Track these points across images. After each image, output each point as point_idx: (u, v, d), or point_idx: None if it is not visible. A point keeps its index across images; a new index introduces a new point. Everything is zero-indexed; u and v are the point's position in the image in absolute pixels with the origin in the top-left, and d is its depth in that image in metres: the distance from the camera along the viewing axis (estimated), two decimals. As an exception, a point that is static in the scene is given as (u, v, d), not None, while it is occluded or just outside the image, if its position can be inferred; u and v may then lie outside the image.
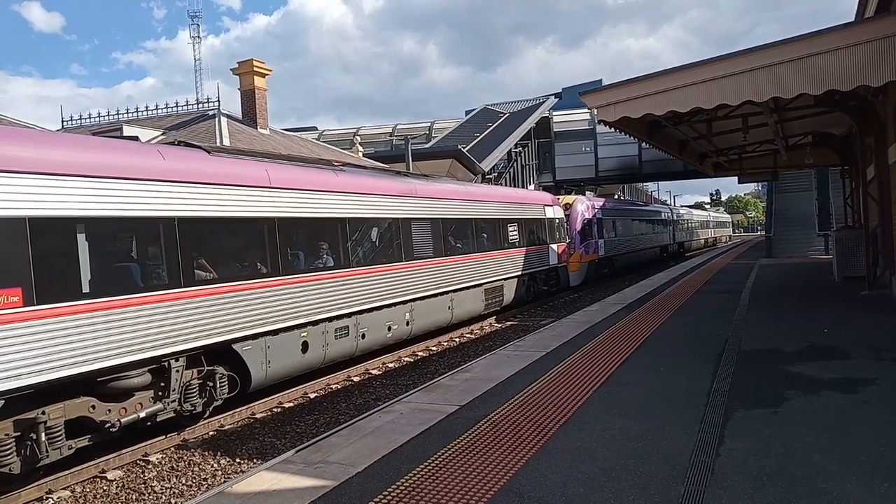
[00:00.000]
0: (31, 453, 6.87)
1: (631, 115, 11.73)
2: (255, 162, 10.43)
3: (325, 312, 11.06)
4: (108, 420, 7.65)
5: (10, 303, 6.46)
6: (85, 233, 7.41)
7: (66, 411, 7.21)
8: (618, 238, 31.75)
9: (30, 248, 6.69)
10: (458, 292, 15.94)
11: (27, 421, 6.85)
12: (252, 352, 9.57)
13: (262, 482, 5.42)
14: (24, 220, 6.69)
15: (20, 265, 6.60)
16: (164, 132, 22.12)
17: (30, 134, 8.53)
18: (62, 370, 6.93)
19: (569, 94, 49.87)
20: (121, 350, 7.57)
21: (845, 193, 23.50)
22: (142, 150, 8.78)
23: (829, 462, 5.02)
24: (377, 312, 12.63)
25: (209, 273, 8.98)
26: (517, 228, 19.71)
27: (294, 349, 10.46)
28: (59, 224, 7.09)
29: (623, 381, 8.01)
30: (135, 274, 8.12)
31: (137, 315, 7.80)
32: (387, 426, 6.74)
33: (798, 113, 15.90)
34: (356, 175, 13.05)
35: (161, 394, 8.36)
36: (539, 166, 46.92)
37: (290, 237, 10.63)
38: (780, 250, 31.18)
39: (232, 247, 9.79)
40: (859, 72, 9.77)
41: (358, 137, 36.80)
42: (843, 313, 12.40)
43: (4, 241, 6.52)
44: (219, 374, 9.17)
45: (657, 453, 5.43)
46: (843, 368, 7.95)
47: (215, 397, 9.13)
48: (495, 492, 4.84)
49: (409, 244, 13.95)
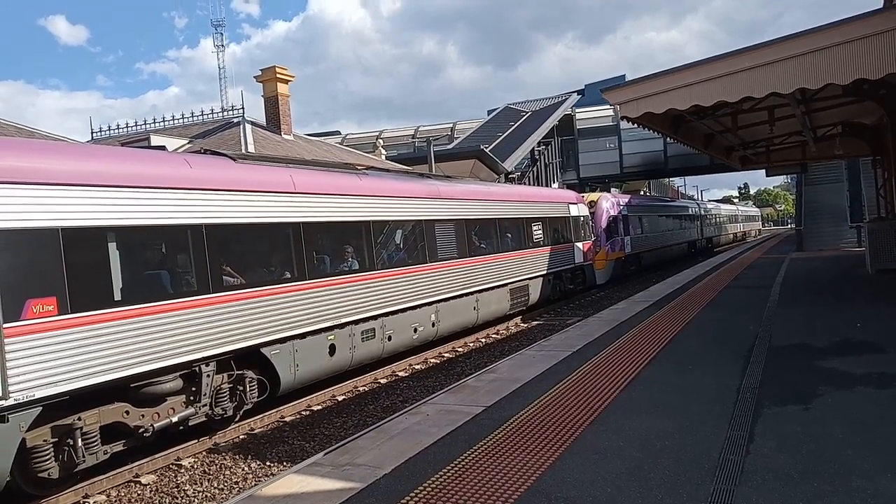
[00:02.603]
0: (68, 458, 7.00)
1: (654, 110, 11.59)
2: (279, 168, 10.56)
3: (351, 315, 11.12)
4: (142, 425, 7.79)
5: (46, 311, 6.61)
6: (116, 241, 7.56)
7: (100, 417, 7.35)
8: (644, 235, 31.43)
9: (63, 257, 6.83)
10: (484, 293, 15.95)
11: (64, 427, 6.99)
12: (280, 356, 9.67)
13: (292, 485, 5.49)
14: (58, 230, 6.84)
15: (54, 274, 6.75)
16: (190, 140, 22.47)
17: (60, 146, 8.71)
18: (96, 377, 7.06)
19: (591, 90, 49.42)
20: (152, 356, 7.68)
21: (877, 184, 22.97)
22: (169, 160, 8.96)
23: (861, 459, 4.93)
24: (403, 314, 12.67)
25: (237, 279, 9.09)
26: (541, 227, 19.68)
27: (321, 352, 10.55)
28: (91, 234, 7.24)
29: (651, 379, 7.95)
30: (164, 281, 8.24)
31: (168, 321, 7.90)
32: (413, 428, 6.77)
33: (826, 103, 15.58)
34: (379, 178, 13.15)
35: (192, 398, 8.47)
36: (563, 164, 46.65)
37: (316, 241, 10.73)
38: (810, 243, 30.59)
39: (259, 252, 9.89)
40: (889, 59, 9.53)
41: (381, 140, 36.92)
42: (876, 307, 12.15)
43: (39, 252, 6.68)
44: (248, 378, 9.28)
45: (686, 452, 5.38)
46: (877, 363, 7.80)
47: (245, 401, 9.25)
48: (522, 492, 4.84)
49: (434, 246, 14.01)
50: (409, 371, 13.03)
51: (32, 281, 6.58)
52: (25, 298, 6.47)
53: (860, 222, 28.08)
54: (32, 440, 6.75)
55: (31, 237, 6.64)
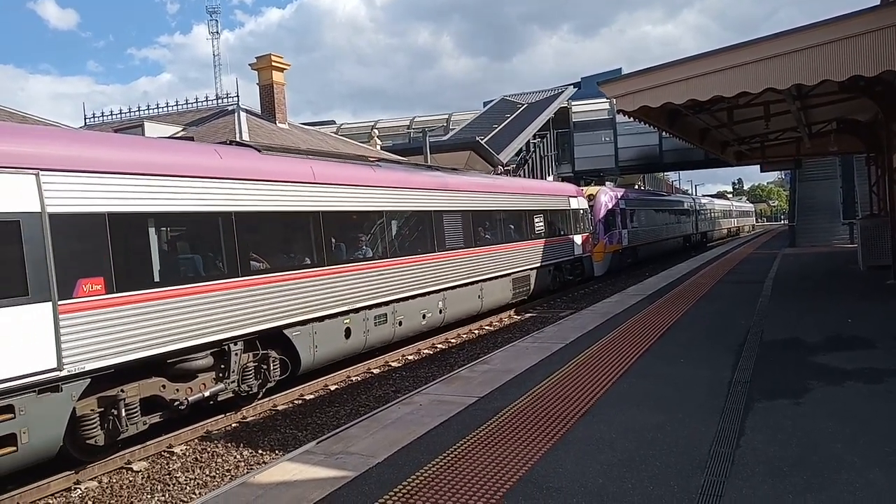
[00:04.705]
0: (112, 427, 7.54)
1: (650, 104, 11.60)
2: (300, 159, 11.05)
3: (365, 300, 11.66)
4: (177, 398, 8.32)
5: (95, 290, 7.17)
6: (155, 227, 8.15)
7: (140, 390, 7.89)
8: (641, 228, 31.87)
9: (109, 240, 7.38)
10: (487, 282, 16.44)
11: (109, 398, 7.56)
12: (301, 337, 10.21)
13: (284, 472, 5.50)
14: (105, 215, 7.39)
15: (102, 256, 7.31)
16: (184, 128, 22.35)
17: (104, 137, 9.51)
18: (139, 352, 7.62)
19: (587, 83, 49.39)
20: (188, 334, 8.24)
21: (871, 181, 23.05)
22: (202, 151, 9.45)
23: (851, 453, 4.97)
24: (412, 301, 13.21)
25: (262, 263, 9.60)
26: (543, 220, 20.22)
27: (338, 335, 11.09)
28: (134, 219, 7.78)
29: (643, 372, 7.99)
30: (198, 264, 8.78)
31: (202, 302, 8.46)
32: (406, 417, 6.79)
33: (821, 100, 15.61)
34: (392, 170, 13.77)
35: (222, 375, 9.02)
36: (558, 157, 46.64)
37: (333, 229, 11.22)
38: (803, 239, 30.73)
39: (282, 239, 10.43)
40: (884, 56, 9.55)
41: (376, 131, 36.81)
42: (867, 303, 12.22)
43: (89, 235, 7.23)
44: (272, 358, 9.80)
45: (677, 444, 5.41)
46: (868, 358, 7.86)
47: (269, 379, 9.77)
48: (514, 482, 4.86)
49: (442, 236, 14.57)
50: (402, 361, 13.04)
51: (83, 262, 7.12)
52: (77, 278, 7.00)
53: (853, 219, 28.21)
54: (81, 409, 7.30)
55: (82, 221, 7.18)
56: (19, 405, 6.50)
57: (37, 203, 6.78)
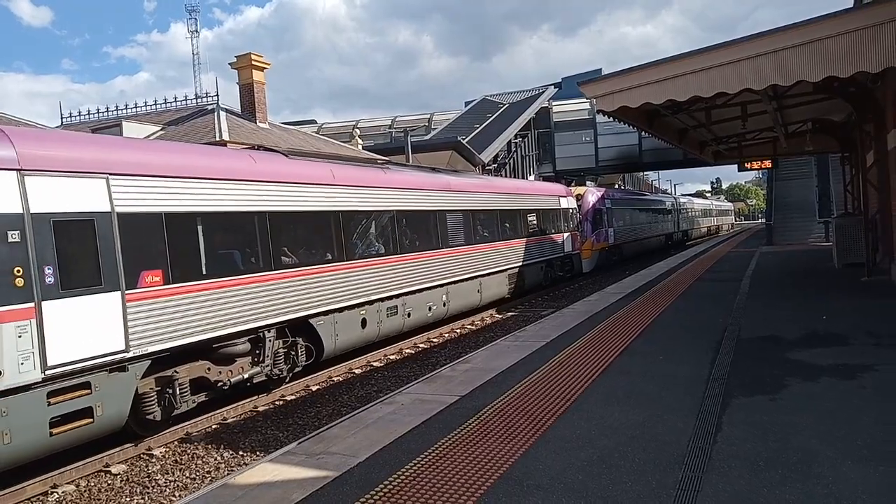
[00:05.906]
0: (168, 404, 8.46)
1: (629, 104, 11.72)
2: (321, 163, 12.04)
3: (379, 293, 12.67)
4: (221, 380, 9.27)
5: (155, 282, 8.06)
6: (202, 224, 8.96)
7: (190, 372, 8.82)
8: (626, 227, 32.87)
9: (166, 237, 8.25)
10: (486, 277, 17.43)
11: (165, 378, 8.45)
12: (324, 326, 11.20)
13: (265, 473, 5.48)
14: (161, 214, 8.28)
15: (160, 251, 8.19)
16: (163, 127, 22.11)
17: (155, 144, 10.81)
18: (191, 336, 8.52)
19: (568, 83, 49.56)
20: (231, 321, 9.16)
21: (845, 180, 23.43)
22: (239, 156, 10.32)
23: (826, 447, 5.06)
24: (420, 294, 14.26)
25: (291, 259, 10.56)
26: (536, 219, 21.33)
27: (356, 325, 12.10)
28: (185, 218, 8.67)
29: (622, 369, 8.06)
30: (237, 259, 9.67)
31: (242, 293, 9.38)
32: (388, 417, 6.79)
33: (797, 100, 15.86)
34: (400, 172, 14.73)
35: (257, 360, 9.94)
36: (539, 157, 46.82)
37: (351, 227, 12.20)
38: (780, 238, 31.16)
39: (306, 236, 11.32)
40: (858, 58, 9.73)
41: (357, 130, 36.71)
42: (842, 300, 12.42)
43: (149, 232, 8.10)
44: (300, 345, 10.79)
45: (655, 440, 5.47)
46: (842, 355, 7.99)
47: (297, 363, 10.78)
48: (495, 480, 4.89)
49: (446, 234, 15.66)
50: (384, 361, 13.04)
51: (145, 256, 8.00)
52: (141, 270, 7.91)
53: (828, 217, 28.66)
54: (142, 388, 8.18)
55: (144, 219, 8.05)
56: (95, 382, 7.41)
57: (107, 203, 7.62)
